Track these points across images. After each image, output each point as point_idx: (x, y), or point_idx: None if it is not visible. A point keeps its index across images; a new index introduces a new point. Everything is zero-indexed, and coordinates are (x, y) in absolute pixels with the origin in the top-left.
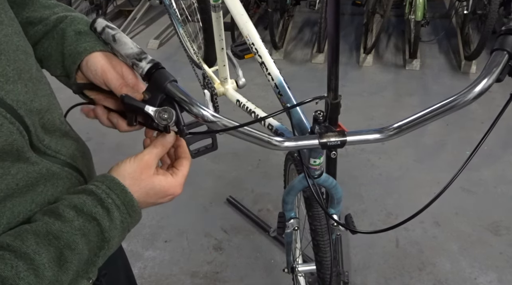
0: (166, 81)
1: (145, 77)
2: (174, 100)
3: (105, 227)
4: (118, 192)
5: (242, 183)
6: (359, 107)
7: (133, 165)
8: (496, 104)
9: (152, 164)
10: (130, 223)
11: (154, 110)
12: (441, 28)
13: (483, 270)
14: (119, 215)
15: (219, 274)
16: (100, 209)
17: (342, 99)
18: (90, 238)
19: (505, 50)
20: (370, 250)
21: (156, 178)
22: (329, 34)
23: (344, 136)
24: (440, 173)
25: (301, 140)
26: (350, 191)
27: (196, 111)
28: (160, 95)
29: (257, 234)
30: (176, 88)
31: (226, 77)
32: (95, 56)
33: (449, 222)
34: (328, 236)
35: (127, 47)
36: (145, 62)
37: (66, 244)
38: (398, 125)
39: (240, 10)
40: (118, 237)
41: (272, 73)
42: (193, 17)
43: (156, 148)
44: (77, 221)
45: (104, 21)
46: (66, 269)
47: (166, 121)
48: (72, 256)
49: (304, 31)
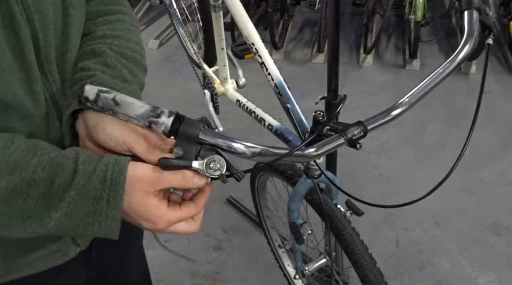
0: (197, 130)
1: (170, 133)
2: (213, 146)
3: (76, 183)
4: (116, 169)
5: (242, 183)
6: (359, 107)
7: (142, 169)
8: (497, 104)
9: (158, 184)
10: (104, 212)
11: (201, 164)
12: (441, 28)
13: (483, 270)
14: (100, 187)
15: (219, 274)
16: (90, 168)
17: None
18: (56, 181)
19: (473, 7)
20: (370, 250)
21: (149, 197)
22: (329, 34)
23: (363, 125)
24: (440, 173)
25: (327, 144)
26: (350, 191)
27: (237, 149)
28: (194, 147)
29: (257, 234)
30: (209, 134)
31: (226, 77)
32: (111, 122)
33: (449, 222)
34: (349, 226)
35: (136, 107)
36: (165, 117)
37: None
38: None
39: (240, 10)
40: (82, 209)
41: (272, 73)
42: (193, 17)
43: (174, 176)
44: (65, 160)
45: (95, 87)
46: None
47: (219, 171)
48: (29, 173)
49: (304, 31)
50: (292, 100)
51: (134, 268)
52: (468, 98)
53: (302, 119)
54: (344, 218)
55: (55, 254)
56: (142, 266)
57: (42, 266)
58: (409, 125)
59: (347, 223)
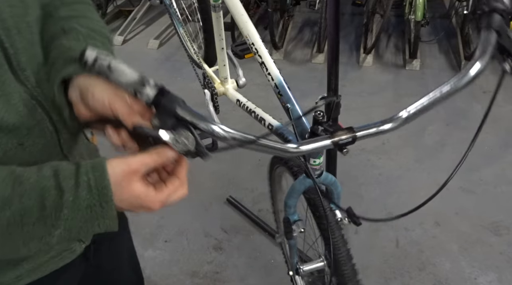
0: (175, 104)
1: (151, 103)
2: (187, 122)
3: (67, 200)
4: (97, 174)
5: (242, 183)
6: (359, 107)
7: (119, 166)
8: (497, 104)
9: (138, 171)
10: (100, 216)
11: (170, 136)
12: (441, 28)
13: (483, 270)
14: (88, 197)
15: (219, 274)
16: (72, 182)
17: (341, 99)
18: (46, 204)
19: (493, 28)
20: (370, 250)
21: (136, 188)
22: (329, 34)
23: (353, 132)
24: (440, 173)
25: (314, 142)
26: (350, 191)
27: (212, 129)
28: (171, 120)
29: (257, 234)
30: (187, 110)
31: (226, 77)
32: (100, 87)
33: (449, 222)
34: (339, 232)
35: (126, 75)
36: (149, 88)
37: (20, 193)
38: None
39: (240, 10)
40: (78, 221)
41: (272, 73)
42: (193, 16)
43: (149, 157)
44: (47, 182)
45: (94, 52)
46: (1, 215)
47: (184, 146)
48: (16, 207)
49: (304, 31)
50: (292, 100)
51: (126, 261)
52: (468, 99)
53: (302, 119)
54: (336, 224)
55: (63, 253)
56: (133, 258)
57: (51, 267)
58: (409, 125)
59: (337, 228)
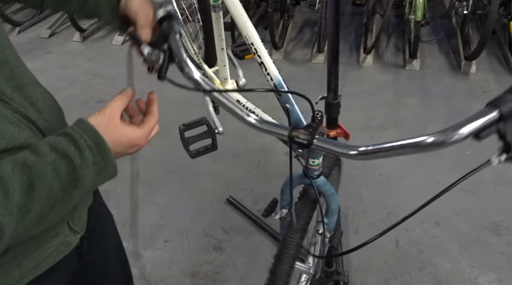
0: (171, 31)
1: (157, 24)
2: (170, 49)
3: (77, 164)
4: (90, 134)
5: (242, 183)
6: (359, 107)
7: (97, 117)
8: None
9: (115, 114)
10: (104, 167)
11: (147, 50)
12: (441, 28)
13: (483, 270)
14: (91, 155)
15: (219, 274)
16: (72, 148)
17: (341, 99)
18: (61, 174)
19: (498, 107)
20: (370, 250)
21: (122, 128)
22: (329, 34)
23: (313, 137)
24: (440, 173)
25: (274, 126)
26: (350, 191)
27: (183, 66)
28: (160, 40)
29: (257, 234)
30: (175, 41)
31: (226, 77)
32: (134, 1)
33: (449, 222)
34: (293, 249)
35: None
36: (162, 10)
37: (37, 175)
38: (365, 149)
39: (240, 10)
40: (90, 176)
41: (271, 73)
42: (193, 17)
43: (116, 101)
44: (50, 156)
45: None
46: (33, 197)
47: (151, 63)
48: (41, 187)
49: (304, 31)
50: (291, 100)
51: (114, 257)
52: (468, 98)
53: (301, 119)
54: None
55: (60, 247)
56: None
57: (50, 262)
58: (409, 125)
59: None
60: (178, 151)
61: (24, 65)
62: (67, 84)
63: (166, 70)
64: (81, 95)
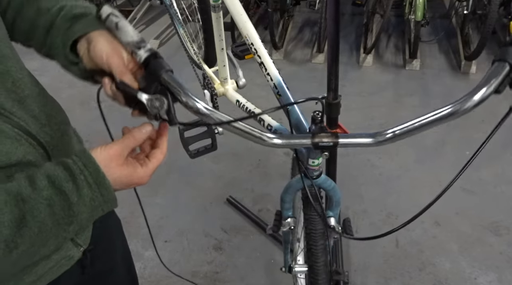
0: (162, 70)
1: (142, 65)
2: (168, 89)
3: (73, 201)
4: (91, 170)
5: (242, 183)
6: (359, 107)
7: (103, 153)
8: (497, 104)
9: (122, 154)
10: (103, 203)
11: (146, 98)
12: (441, 28)
13: (483, 270)
14: (89, 192)
15: (219, 274)
16: (70, 184)
17: (341, 99)
18: (55, 210)
19: (507, 61)
20: (370, 250)
21: (125, 169)
22: (329, 34)
23: (337, 138)
24: (440, 173)
25: (293, 138)
26: (350, 191)
27: (189, 102)
28: (155, 84)
29: (257, 234)
30: (170, 78)
31: (226, 77)
32: (101, 43)
33: (449, 222)
34: (322, 241)
35: (128, 35)
36: (143, 51)
37: (30, 210)
38: (392, 131)
39: (240, 10)
40: (86, 214)
41: (271, 73)
42: (193, 17)
43: (127, 139)
44: (46, 191)
45: (109, 9)
46: (23, 233)
47: (156, 109)
48: (33, 223)
49: (304, 31)
50: (291, 100)
51: (120, 261)
52: None
53: (300, 119)
54: (321, 231)
55: (61, 261)
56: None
57: (50, 277)
58: None
59: (320, 237)
60: (178, 151)
61: (28, 75)
62: (67, 84)
63: (175, 113)
64: (81, 96)
